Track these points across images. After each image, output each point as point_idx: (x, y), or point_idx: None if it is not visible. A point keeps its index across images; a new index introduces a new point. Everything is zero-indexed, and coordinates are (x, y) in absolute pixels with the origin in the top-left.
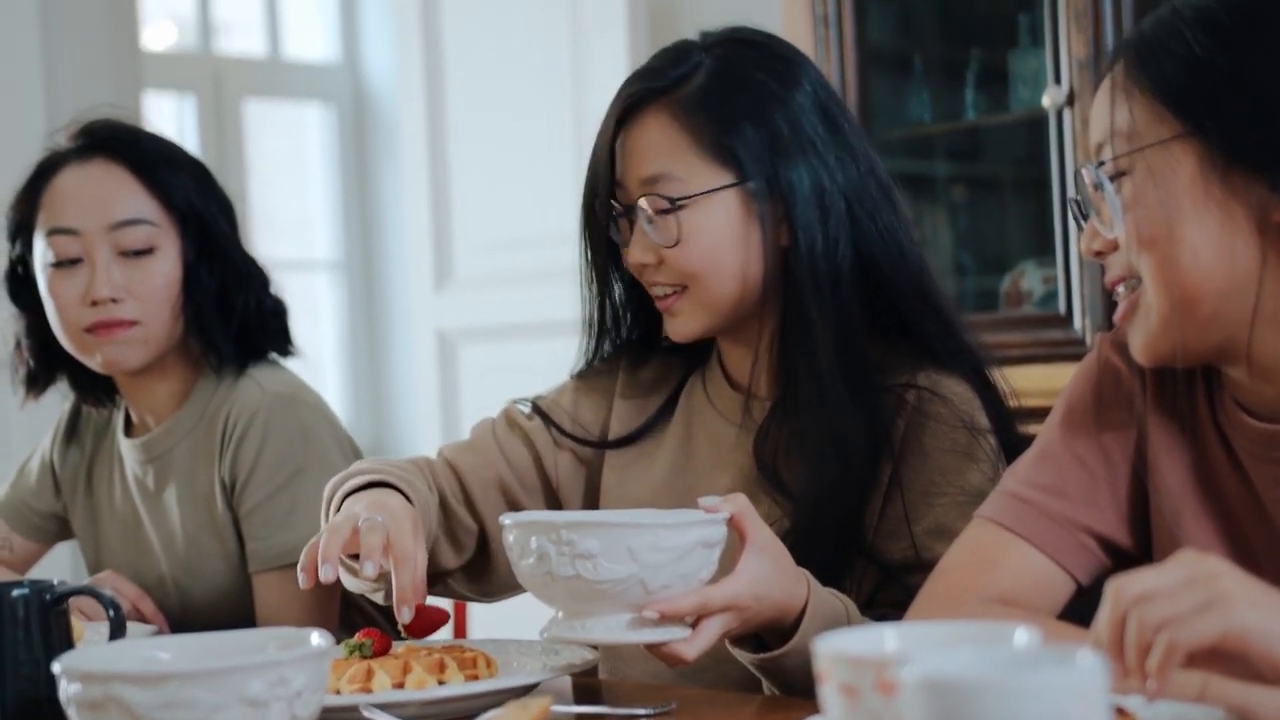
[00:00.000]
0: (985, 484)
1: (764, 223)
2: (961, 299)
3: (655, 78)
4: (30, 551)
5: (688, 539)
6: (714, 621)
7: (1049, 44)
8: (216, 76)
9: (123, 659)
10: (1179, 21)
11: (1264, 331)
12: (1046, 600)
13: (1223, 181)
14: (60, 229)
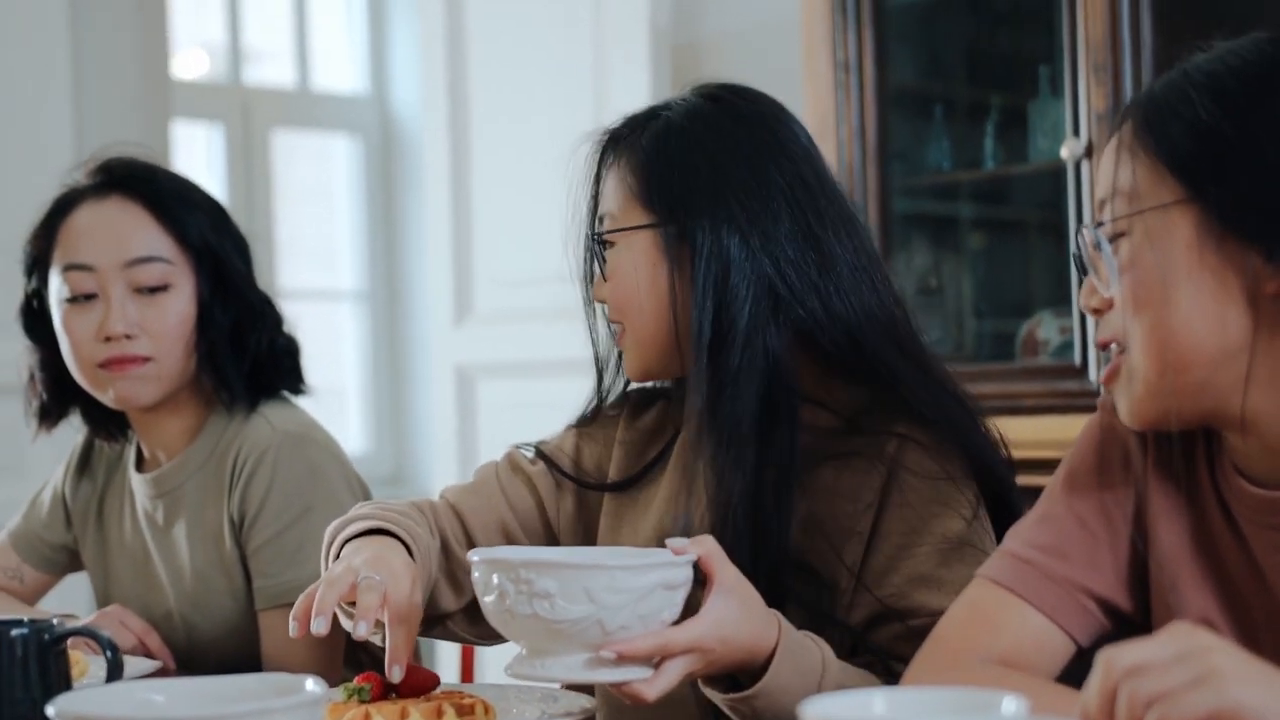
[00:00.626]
0: (965, 531)
1: (674, 266)
2: (978, 345)
3: (622, 128)
4: (40, 582)
5: (647, 581)
6: (677, 663)
7: (1068, 96)
8: (245, 106)
9: (117, 703)
10: (1188, 85)
11: (1257, 398)
12: (1046, 661)
13: (1218, 249)
14: (76, 265)
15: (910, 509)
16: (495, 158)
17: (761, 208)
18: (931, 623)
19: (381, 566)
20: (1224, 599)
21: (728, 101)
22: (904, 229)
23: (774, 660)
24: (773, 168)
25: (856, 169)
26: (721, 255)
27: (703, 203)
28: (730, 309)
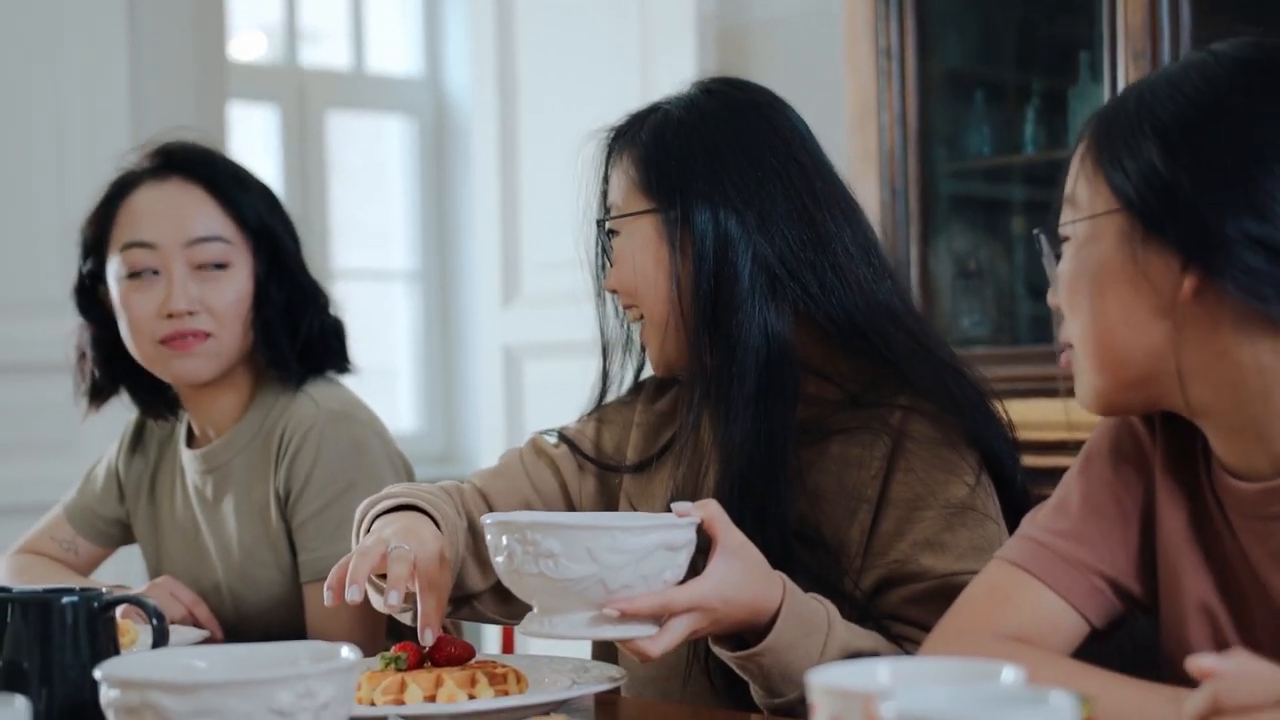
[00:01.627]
0: (968, 497)
1: (675, 250)
2: (1020, 328)
3: (626, 123)
4: (94, 555)
5: (647, 541)
6: (681, 621)
7: (1108, 82)
8: (301, 88)
9: (160, 667)
10: (1138, 118)
11: (1195, 392)
12: (1059, 640)
13: (1142, 256)
14: (138, 242)
15: (915, 475)
16: (543, 142)
17: (757, 190)
18: (937, 585)
19: (410, 537)
20: (1221, 586)
21: (722, 92)
22: (945, 213)
23: (778, 619)
24: (767, 152)
25: (898, 154)
26: (720, 236)
27: (701, 187)
28: (730, 287)
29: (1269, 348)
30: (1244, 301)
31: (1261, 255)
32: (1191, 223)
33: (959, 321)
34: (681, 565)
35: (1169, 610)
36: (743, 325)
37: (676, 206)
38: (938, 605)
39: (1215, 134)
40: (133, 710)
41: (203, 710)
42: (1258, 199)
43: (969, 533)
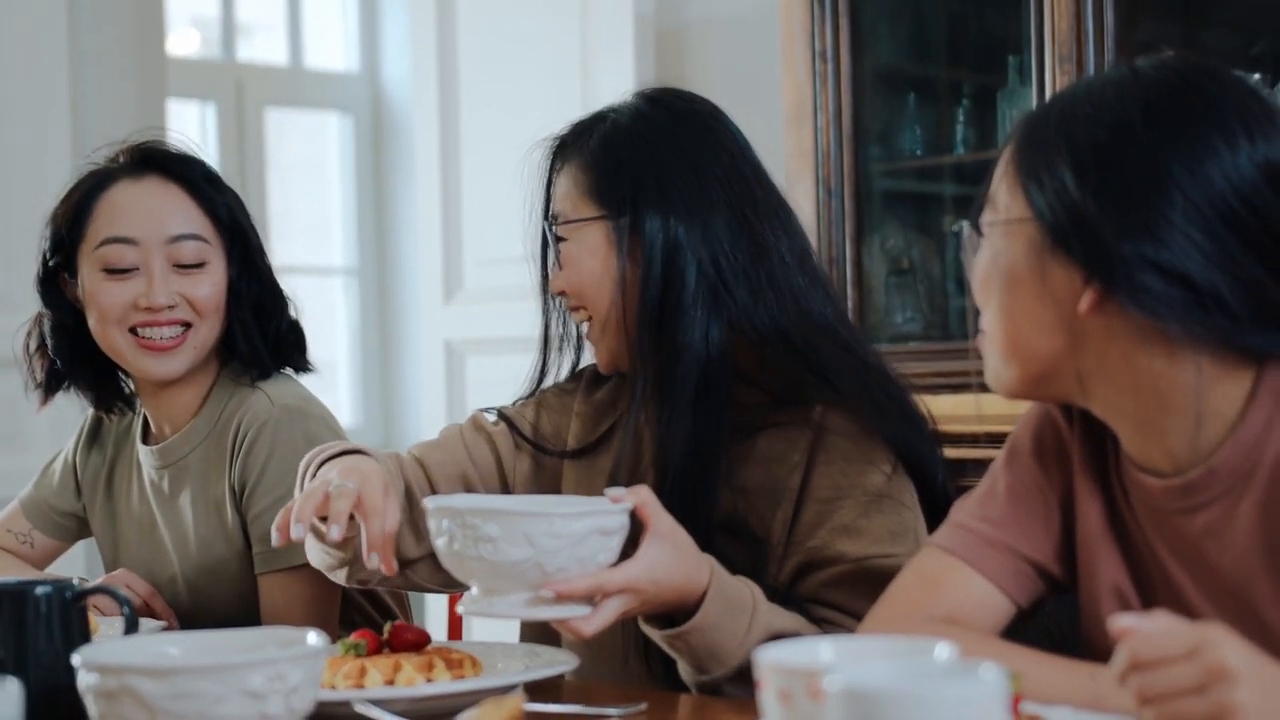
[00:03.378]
0: (884, 485)
1: (622, 255)
2: (947, 325)
3: (570, 133)
4: (50, 548)
5: (582, 527)
6: (613, 601)
7: (1035, 84)
8: (239, 84)
9: (136, 653)
10: (1058, 134)
11: (1095, 395)
12: (987, 620)
13: (1049, 265)
14: (118, 238)
15: (835, 467)
16: (484, 138)
17: (702, 199)
18: (853, 568)
19: (353, 475)
20: (1132, 571)
21: (666, 102)
22: (878, 211)
23: (705, 600)
24: (712, 162)
25: (833, 153)
26: (668, 244)
27: (650, 196)
28: (677, 293)
29: (1166, 360)
30: (1141, 317)
31: (1156, 277)
32: (1094, 242)
33: (892, 318)
34: (614, 549)
35: (1086, 592)
36: (686, 330)
37: (626, 214)
38: (854, 588)
39: (1121, 159)
40: (111, 694)
41: (179, 694)
42: (1155, 224)
43: (885, 519)
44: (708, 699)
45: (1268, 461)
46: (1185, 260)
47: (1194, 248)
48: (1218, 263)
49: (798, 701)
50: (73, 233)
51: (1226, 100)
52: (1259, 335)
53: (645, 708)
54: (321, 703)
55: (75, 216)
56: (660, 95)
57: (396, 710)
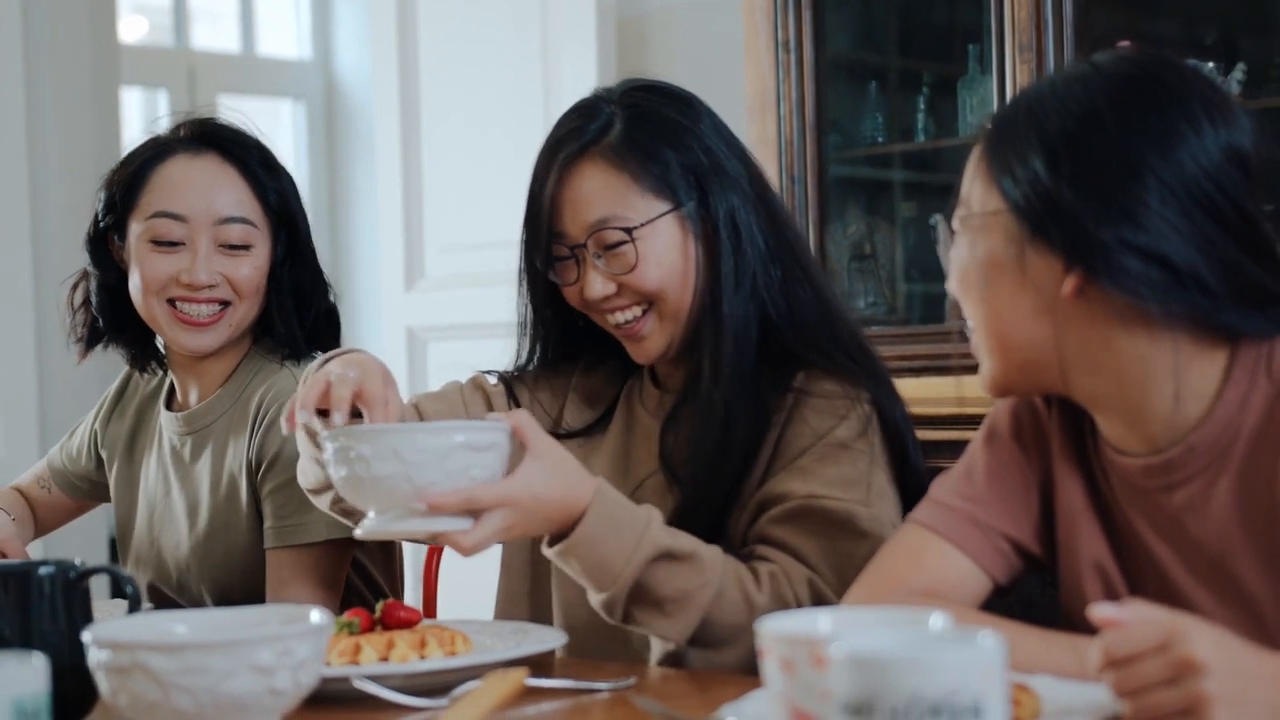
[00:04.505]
0: (848, 438)
1: (698, 239)
2: (909, 310)
3: (580, 135)
4: (63, 502)
5: (449, 441)
6: (492, 516)
7: (995, 74)
8: (190, 72)
9: (145, 630)
10: (1027, 129)
11: (1077, 382)
12: (966, 596)
13: (1025, 255)
14: (168, 213)
15: (806, 425)
16: (445, 125)
17: (738, 175)
18: (798, 505)
19: (354, 365)
20: (1114, 548)
21: (666, 90)
22: (840, 198)
23: (585, 515)
24: (727, 141)
25: (796, 141)
26: (733, 217)
27: (706, 177)
28: (746, 265)
29: (1147, 341)
30: (1123, 299)
31: (1136, 259)
32: (1072, 229)
33: (854, 302)
34: (489, 465)
35: (1067, 570)
36: (745, 303)
37: (693, 198)
38: (796, 524)
39: (1093, 147)
40: (123, 670)
41: (190, 669)
42: (1132, 206)
43: (839, 467)
44: (698, 673)
45: (1244, 436)
46: (1163, 242)
47: (1171, 229)
48: (1194, 243)
49: (801, 670)
50: (126, 199)
51: (1187, 88)
52: (1237, 313)
53: (634, 682)
54: (322, 678)
55: (130, 184)
56: (647, 84)
57: (392, 685)
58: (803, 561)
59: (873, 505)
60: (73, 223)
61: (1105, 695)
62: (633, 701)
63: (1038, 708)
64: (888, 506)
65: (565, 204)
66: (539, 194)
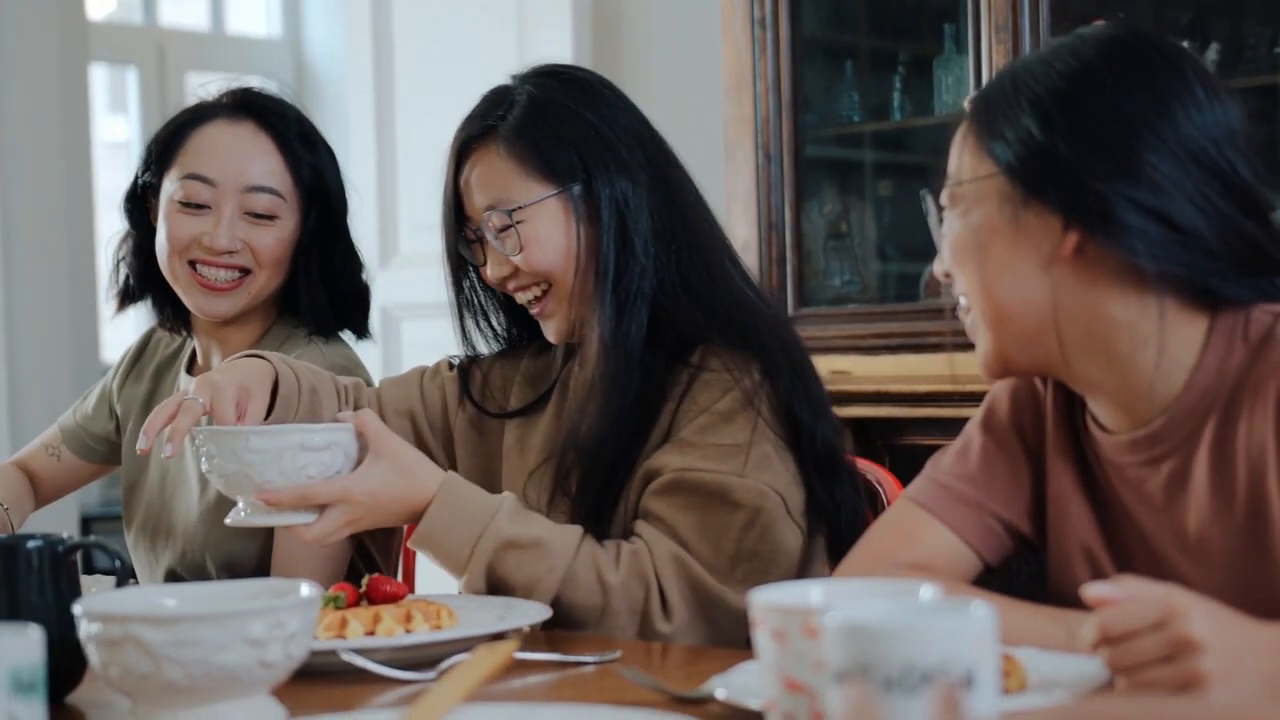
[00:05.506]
0: (732, 409)
1: (584, 222)
2: (884, 287)
3: (479, 121)
4: (75, 466)
5: (281, 443)
6: (333, 512)
7: (971, 53)
8: (160, 49)
9: (136, 602)
10: (1017, 94)
11: (1073, 356)
12: (955, 573)
13: (1021, 216)
14: (198, 175)
15: (694, 400)
16: (419, 102)
17: (631, 156)
18: (673, 478)
19: (205, 388)
20: (1103, 530)
21: (566, 74)
22: (817, 177)
23: (428, 510)
24: (626, 122)
25: (772, 120)
26: (618, 201)
27: (594, 160)
28: (632, 246)
29: (1138, 304)
30: (1120, 257)
31: (1135, 213)
32: (1071, 184)
33: (830, 281)
34: (327, 464)
35: (1056, 551)
36: (639, 282)
37: (579, 181)
38: (671, 497)
39: (1087, 103)
40: (114, 643)
41: (182, 641)
42: (1130, 161)
43: (719, 436)
44: (686, 646)
45: (1219, 406)
46: (1162, 197)
47: (1170, 185)
48: (1193, 201)
49: (793, 640)
50: (162, 159)
51: (1179, 54)
52: (1231, 278)
53: (620, 655)
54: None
55: (168, 144)
56: (553, 70)
57: (379, 659)
58: (676, 535)
59: (750, 475)
60: (41, 199)
61: (1090, 667)
62: (620, 674)
63: (1024, 679)
64: (770, 476)
65: (466, 188)
66: (446, 177)
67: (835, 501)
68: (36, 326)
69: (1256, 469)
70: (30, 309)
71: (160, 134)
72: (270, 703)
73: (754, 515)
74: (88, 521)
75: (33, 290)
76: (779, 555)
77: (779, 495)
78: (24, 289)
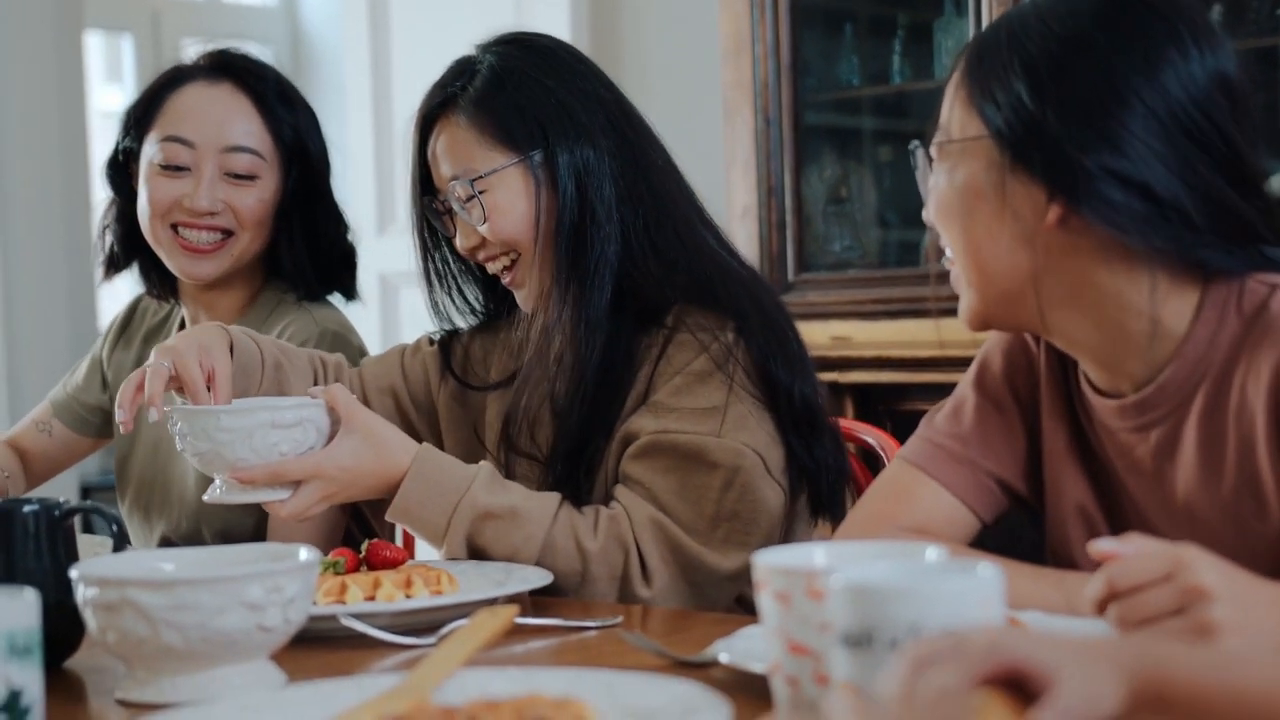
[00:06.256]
0: (708, 369)
1: (546, 189)
2: (884, 253)
3: (441, 91)
4: (69, 440)
5: (251, 421)
6: (307, 488)
7: (972, 15)
8: (155, 16)
9: (133, 566)
10: (1010, 50)
11: (1054, 318)
12: (954, 533)
13: (1009, 182)
14: (177, 137)
15: (670, 361)
16: (415, 69)
17: (592, 122)
18: (650, 440)
19: (167, 353)
20: (1097, 491)
21: (527, 42)
22: (816, 142)
23: (402, 484)
24: (588, 87)
25: (771, 84)
26: (578, 168)
27: (554, 127)
28: (592, 212)
29: (1126, 276)
30: (1104, 231)
31: (1119, 187)
32: (1056, 156)
33: (831, 246)
34: (298, 440)
35: (1053, 512)
36: (603, 246)
37: (538, 149)
38: (649, 460)
39: (1078, 71)
40: (111, 607)
41: (180, 605)
42: (1116, 133)
43: (695, 397)
44: (688, 611)
45: (1210, 376)
46: (1145, 170)
47: (1154, 157)
48: (1178, 172)
49: (797, 602)
50: (141, 123)
51: (1174, 11)
52: (1217, 249)
53: (621, 620)
54: (309, 617)
55: (146, 107)
56: (517, 37)
57: (379, 624)
58: (654, 498)
59: (726, 435)
60: (36, 169)
61: (1094, 629)
62: (622, 638)
63: None
64: (747, 435)
65: (433, 159)
66: (414, 151)
67: (815, 460)
68: (33, 296)
69: (1246, 440)
70: (27, 278)
71: (139, 98)
72: (269, 667)
73: (732, 475)
74: (87, 491)
75: (29, 260)
76: (759, 515)
77: (757, 454)
78: (20, 258)
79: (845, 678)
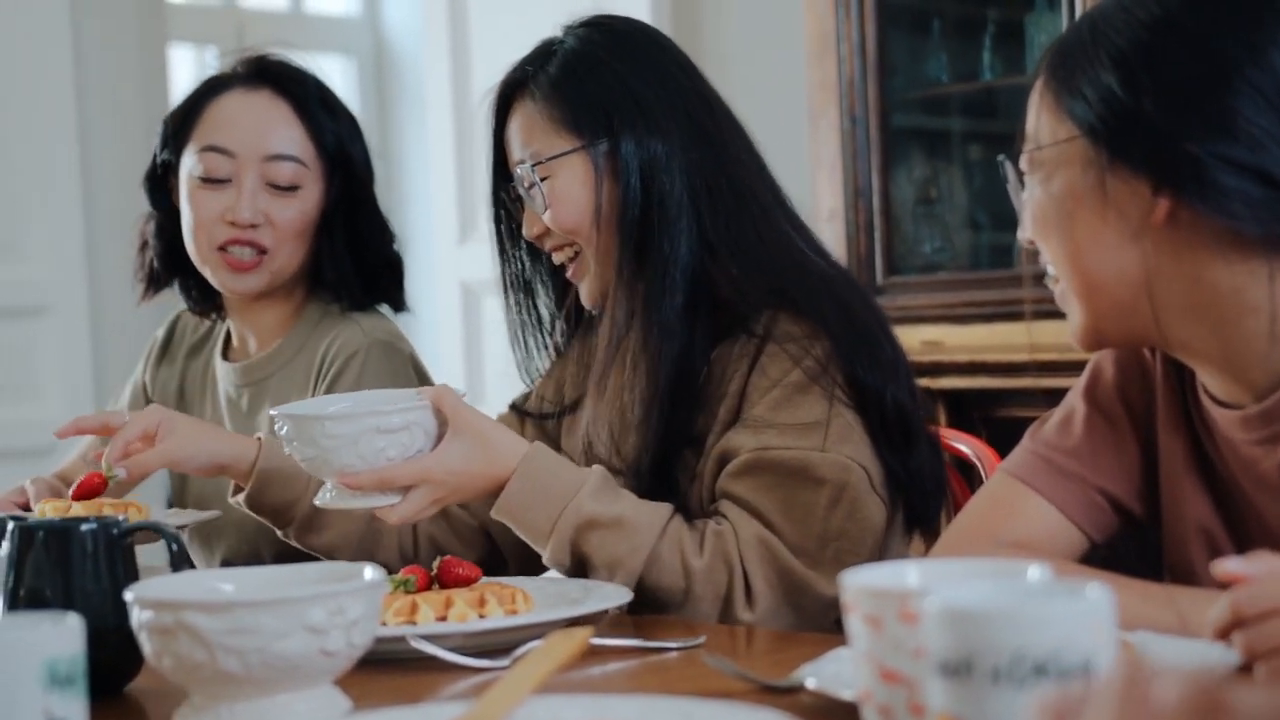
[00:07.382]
0: (806, 380)
1: (611, 180)
2: (976, 255)
3: (517, 72)
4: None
5: (356, 427)
6: (416, 493)
7: (1065, 8)
8: (239, 29)
9: (190, 588)
10: (1095, 46)
11: (1170, 324)
12: (1059, 551)
13: (1110, 181)
14: (216, 147)
15: (765, 372)
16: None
17: (668, 113)
18: (751, 458)
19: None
20: (1219, 509)
21: (610, 26)
22: (904, 142)
23: (507, 486)
24: (667, 77)
25: (858, 84)
26: (646, 160)
27: (622, 116)
28: (660, 207)
29: (1243, 269)
30: (1218, 221)
31: (1232, 173)
32: (1159, 146)
33: (920, 248)
34: (405, 444)
35: (1171, 531)
36: (674, 243)
37: (603, 138)
38: (753, 479)
39: (1172, 55)
40: (166, 631)
41: (238, 629)
42: (1222, 116)
43: (796, 411)
44: (773, 632)
45: None
46: (1260, 153)
47: (1268, 138)
48: None
49: (889, 626)
50: (180, 135)
51: None
52: None
53: (704, 640)
54: (377, 638)
55: (185, 118)
56: (600, 20)
57: (450, 646)
58: (760, 516)
59: (830, 449)
60: (122, 181)
61: (1212, 653)
62: (704, 661)
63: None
64: (851, 448)
65: (509, 141)
66: (492, 131)
67: (909, 470)
68: (122, 308)
69: None
70: (115, 292)
71: (175, 109)
72: (334, 693)
73: (839, 491)
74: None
75: (118, 274)
76: (866, 533)
77: (862, 468)
78: (110, 273)
79: (943, 709)
